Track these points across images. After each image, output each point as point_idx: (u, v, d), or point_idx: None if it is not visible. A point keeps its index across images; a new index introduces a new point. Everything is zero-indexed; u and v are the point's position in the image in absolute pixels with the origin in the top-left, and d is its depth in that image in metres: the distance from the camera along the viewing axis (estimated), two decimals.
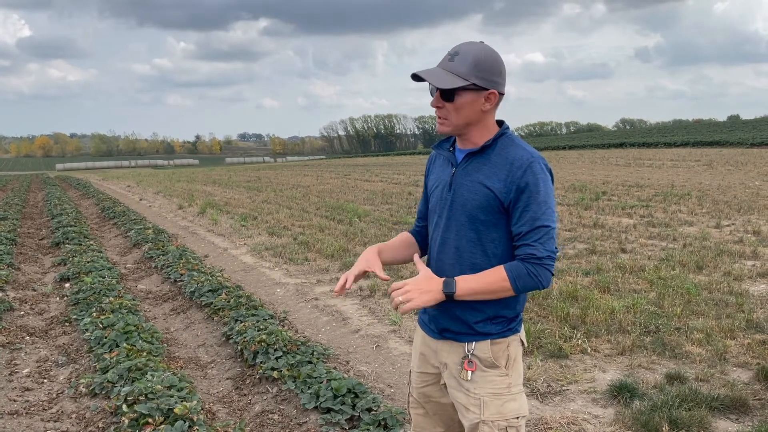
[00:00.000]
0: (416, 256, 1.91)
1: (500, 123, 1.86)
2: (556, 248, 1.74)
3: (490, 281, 1.73)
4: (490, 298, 1.75)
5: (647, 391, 3.64)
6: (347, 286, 1.86)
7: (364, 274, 1.92)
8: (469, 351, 1.82)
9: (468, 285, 1.73)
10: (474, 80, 1.73)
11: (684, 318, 4.91)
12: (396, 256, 2.03)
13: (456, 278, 1.74)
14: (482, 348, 1.82)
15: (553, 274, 1.73)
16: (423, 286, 1.73)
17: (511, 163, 1.75)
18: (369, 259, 1.92)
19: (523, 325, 1.91)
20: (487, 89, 1.75)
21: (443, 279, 1.75)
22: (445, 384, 1.92)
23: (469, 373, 1.81)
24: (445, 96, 1.77)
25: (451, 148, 1.91)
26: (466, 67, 1.73)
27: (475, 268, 1.79)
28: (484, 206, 1.77)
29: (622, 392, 3.60)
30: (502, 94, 1.80)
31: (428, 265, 1.91)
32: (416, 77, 1.78)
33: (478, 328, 1.81)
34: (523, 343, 1.90)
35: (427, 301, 1.72)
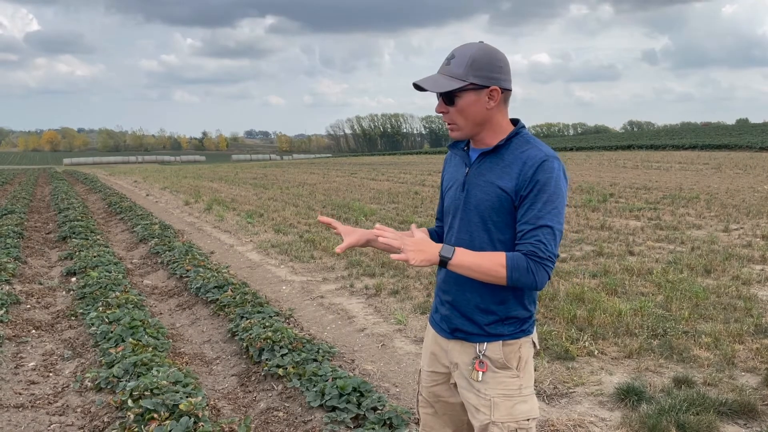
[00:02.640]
0: (413, 226, 1.85)
1: (516, 122, 1.83)
2: (557, 254, 1.69)
3: (486, 262, 1.68)
4: (481, 279, 1.71)
5: (654, 395, 3.62)
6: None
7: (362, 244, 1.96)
8: (480, 351, 1.80)
9: (465, 257, 1.68)
10: (472, 79, 1.71)
11: (692, 322, 4.87)
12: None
13: (456, 248, 1.69)
14: (494, 349, 1.80)
15: (549, 278, 1.69)
16: (419, 246, 1.67)
17: (524, 162, 1.72)
18: (362, 233, 1.95)
19: (535, 327, 1.90)
20: (487, 87, 1.72)
21: (442, 244, 1.70)
22: (455, 384, 1.90)
23: (480, 373, 1.79)
24: (447, 100, 1.75)
25: (465, 148, 1.89)
26: (462, 68, 1.72)
27: None
28: (497, 207, 1.74)
29: (629, 395, 3.57)
30: (508, 90, 1.77)
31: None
32: (418, 87, 1.77)
33: (489, 329, 1.80)
34: (535, 345, 1.88)
35: (421, 261, 1.65)
